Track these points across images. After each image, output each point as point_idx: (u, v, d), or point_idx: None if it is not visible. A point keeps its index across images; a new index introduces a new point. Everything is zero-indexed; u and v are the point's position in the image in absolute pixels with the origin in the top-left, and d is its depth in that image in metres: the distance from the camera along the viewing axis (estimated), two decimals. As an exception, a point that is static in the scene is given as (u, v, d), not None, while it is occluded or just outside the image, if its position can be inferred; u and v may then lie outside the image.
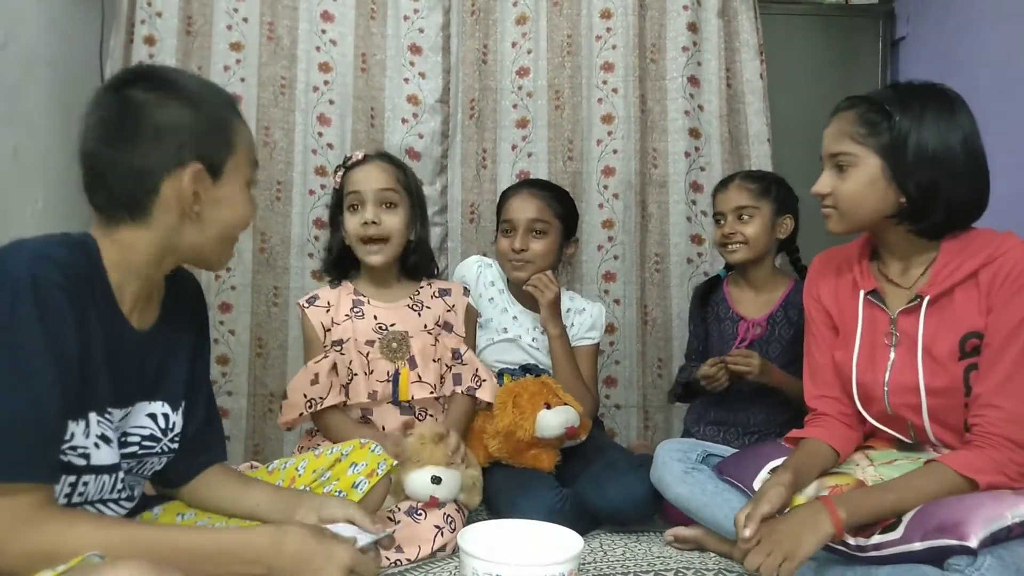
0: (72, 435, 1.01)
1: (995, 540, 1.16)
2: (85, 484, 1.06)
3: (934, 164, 1.32)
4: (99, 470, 1.06)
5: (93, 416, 1.04)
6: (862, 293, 1.45)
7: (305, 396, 1.77)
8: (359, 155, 1.89)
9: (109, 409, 1.07)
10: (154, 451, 1.18)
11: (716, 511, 1.53)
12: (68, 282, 0.98)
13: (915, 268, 1.42)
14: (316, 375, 1.77)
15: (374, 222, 1.79)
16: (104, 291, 1.06)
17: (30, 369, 0.93)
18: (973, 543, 1.13)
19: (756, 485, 1.47)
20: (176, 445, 1.22)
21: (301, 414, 1.77)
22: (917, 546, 1.19)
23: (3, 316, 0.92)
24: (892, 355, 1.41)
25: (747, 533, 1.22)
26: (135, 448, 1.16)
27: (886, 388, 1.41)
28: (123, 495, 1.13)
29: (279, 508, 1.24)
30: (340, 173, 1.88)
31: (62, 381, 0.96)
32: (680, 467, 1.60)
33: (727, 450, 1.70)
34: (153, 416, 1.18)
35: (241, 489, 1.28)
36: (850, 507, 1.24)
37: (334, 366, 1.79)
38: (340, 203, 1.88)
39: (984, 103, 1.52)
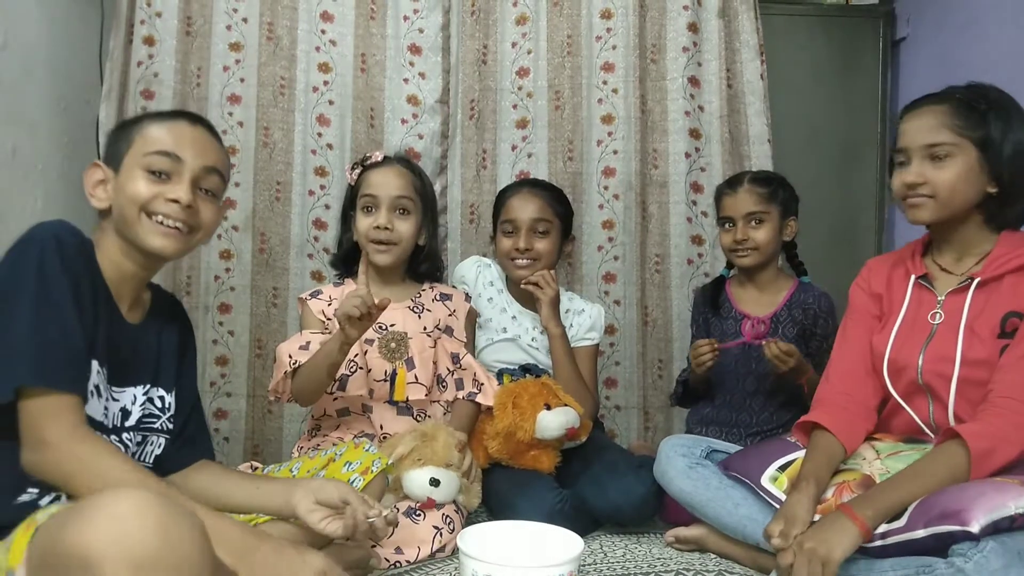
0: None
1: (997, 529, 1.17)
2: None
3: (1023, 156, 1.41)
4: (90, 423, 1.11)
5: (95, 364, 1.12)
6: (913, 277, 1.51)
7: (291, 357, 1.73)
8: (379, 156, 1.90)
9: (114, 388, 1.18)
10: (155, 427, 1.27)
11: (719, 507, 1.54)
12: (81, 245, 1.14)
13: (968, 260, 1.47)
14: (308, 342, 1.75)
15: (387, 227, 1.80)
16: (102, 284, 1.18)
17: (59, 304, 1.06)
18: (974, 528, 1.15)
19: (764, 482, 1.48)
20: (172, 425, 1.30)
21: (285, 372, 1.72)
22: (920, 533, 1.21)
23: (32, 266, 1.06)
24: (934, 330, 1.45)
25: (787, 560, 1.25)
26: (136, 423, 1.23)
27: (922, 356, 1.44)
28: None
29: (278, 492, 1.28)
30: (357, 171, 1.89)
31: (82, 315, 1.09)
32: (684, 462, 1.61)
33: (731, 447, 1.70)
34: (151, 399, 1.27)
35: (239, 479, 1.34)
36: (873, 504, 1.27)
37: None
38: (353, 200, 1.88)
39: (984, 103, 1.53)
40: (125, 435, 1.21)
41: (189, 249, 1.27)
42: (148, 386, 1.26)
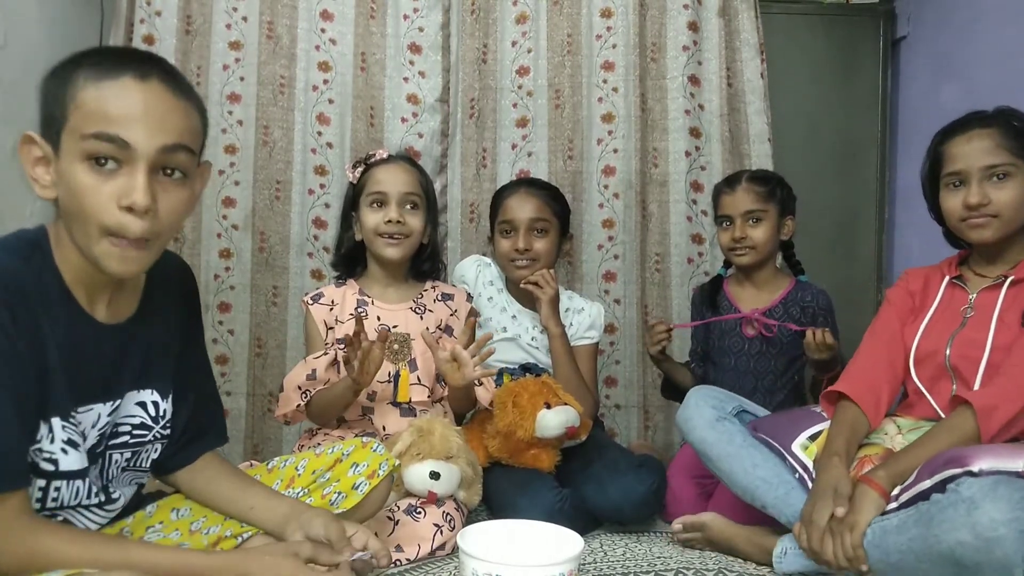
0: (39, 439, 1.01)
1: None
2: (57, 489, 1.05)
3: None
4: (70, 475, 1.05)
5: (56, 422, 1.02)
6: (947, 277, 1.58)
7: (300, 389, 1.76)
8: (383, 154, 1.91)
9: (77, 409, 1.06)
10: (146, 439, 1.18)
11: (736, 464, 1.55)
12: (5, 292, 0.96)
13: (1002, 266, 1.52)
14: (314, 370, 1.77)
15: (399, 221, 1.81)
16: (57, 289, 1.03)
17: None
18: (975, 468, 1.20)
19: (795, 449, 1.52)
20: (168, 432, 1.21)
21: (298, 405, 1.76)
22: (927, 484, 1.26)
23: None
24: (964, 322, 1.50)
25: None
26: (126, 438, 1.15)
27: (950, 343, 1.49)
28: (101, 499, 1.12)
29: (272, 516, 1.23)
30: (359, 169, 1.88)
31: (14, 390, 0.95)
32: (712, 414, 1.63)
33: (762, 410, 1.72)
34: (143, 404, 1.17)
35: (238, 488, 1.27)
36: (886, 468, 1.34)
37: (333, 362, 1.79)
38: (355, 199, 1.88)
39: (984, 103, 1.54)
40: (118, 453, 1.13)
41: (159, 254, 1.06)
42: (119, 400, 1.13)
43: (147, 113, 0.97)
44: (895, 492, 1.31)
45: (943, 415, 1.47)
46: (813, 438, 1.53)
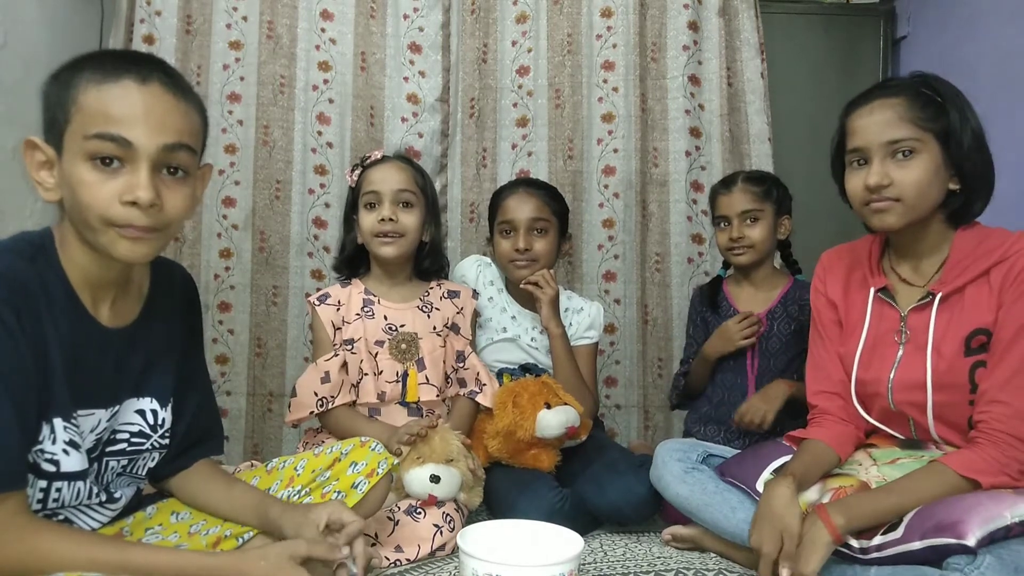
0: (41, 440, 1.02)
1: (993, 540, 1.15)
2: (59, 490, 1.06)
3: (982, 146, 1.34)
4: (71, 476, 1.05)
5: (58, 422, 1.03)
6: (872, 290, 1.44)
7: (316, 395, 1.76)
8: (377, 154, 1.90)
9: (78, 412, 1.06)
10: (144, 448, 1.18)
11: (715, 511, 1.52)
12: (10, 293, 0.97)
13: (927, 266, 1.41)
14: (327, 373, 1.77)
15: (391, 219, 1.80)
16: (62, 290, 1.05)
17: None
18: (971, 542, 1.13)
19: (759, 486, 1.46)
20: (167, 441, 1.22)
21: (312, 412, 1.77)
22: (916, 545, 1.19)
23: None
24: (900, 352, 1.40)
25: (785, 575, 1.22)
26: (124, 445, 1.16)
27: (891, 384, 1.40)
28: (103, 499, 1.13)
29: (251, 512, 1.23)
30: (357, 172, 1.88)
31: (16, 392, 0.96)
32: (680, 467, 1.60)
33: (727, 451, 1.70)
34: (142, 412, 1.17)
35: (225, 490, 1.27)
36: (847, 512, 1.24)
37: (343, 364, 1.79)
38: (355, 202, 1.88)
39: (985, 102, 1.53)
40: (114, 460, 1.14)
41: (166, 244, 1.08)
42: (118, 407, 1.14)
43: (148, 113, 0.99)
44: (878, 541, 1.23)
45: (909, 437, 1.43)
46: (778, 471, 1.45)
